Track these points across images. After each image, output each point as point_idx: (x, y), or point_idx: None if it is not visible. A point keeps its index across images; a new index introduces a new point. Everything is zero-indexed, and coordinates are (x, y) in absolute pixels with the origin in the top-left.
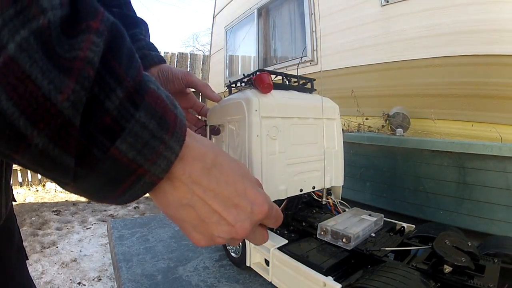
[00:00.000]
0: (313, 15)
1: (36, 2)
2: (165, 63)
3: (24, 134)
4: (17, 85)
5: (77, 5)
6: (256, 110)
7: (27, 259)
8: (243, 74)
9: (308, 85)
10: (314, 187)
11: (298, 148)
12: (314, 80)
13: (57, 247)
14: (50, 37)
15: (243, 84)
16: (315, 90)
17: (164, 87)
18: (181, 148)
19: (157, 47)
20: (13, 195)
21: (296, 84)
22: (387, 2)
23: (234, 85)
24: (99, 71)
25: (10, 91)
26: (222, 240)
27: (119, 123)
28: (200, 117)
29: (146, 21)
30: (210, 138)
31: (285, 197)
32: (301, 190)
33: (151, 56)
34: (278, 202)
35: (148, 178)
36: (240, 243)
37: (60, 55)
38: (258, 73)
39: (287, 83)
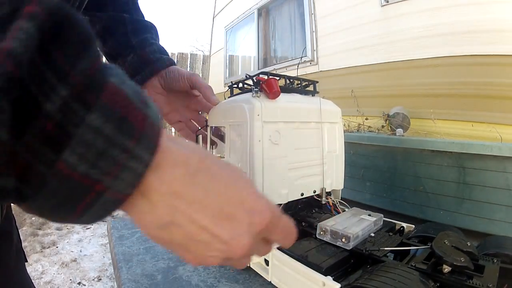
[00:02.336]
0: (313, 15)
1: None
2: (175, 65)
3: None
4: None
5: None
6: (258, 115)
7: (26, 261)
8: (246, 75)
9: (311, 87)
10: (315, 191)
11: (300, 152)
12: (317, 82)
13: (57, 247)
14: None
15: (250, 86)
16: (318, 92)
17: (171, 87)
18: (153, 156)
19: (165, 49)
20: None
21: (299, 86)
22: (387, 2)
23: (236, 86)
24: (35, 64)
25: None
26: (216, 260)
27: (65, 129)
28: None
29: (155, 25)
30: (210, 139)
31: (286, 201)
32: (302, 194)
33: (163, 59)
34: (277, 204)
35: (110, 195)
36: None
37: None
38: (266, 77)
39: (289, 86)
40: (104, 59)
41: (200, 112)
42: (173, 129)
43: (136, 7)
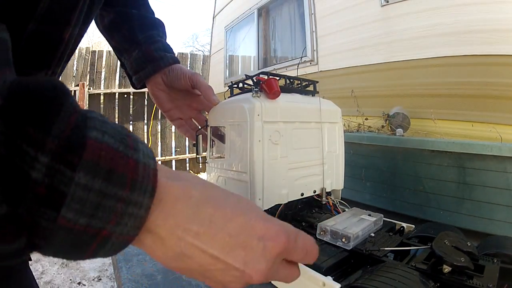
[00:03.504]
0: (313, 15)
1: None
2: (179, 63)
3: None
4: None
5: None
6: (258, 115)
7: (30, 259)
8: (245, 75)
9: (311, 87)
10: (315, 191)
11: (300, 152)
12: (317, 82)
13: None
14: None
15: (251, 86)
16: (318, 92)
17: (173, 85)
18: (152, 198)
19: (172, 48)
20: None
21: (299, 86)
22: (387, 2)
23: (236, 86)
24: (13, 143)
25: None
26: (237, 285)
27: (57, 189)
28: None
29: (163, 22)
30: (211, 139)
31: (286, 201)
32: (302, 194)
33: (167, 58)
34: (277, 204)
35: (116, 238)
36: None
37: None
38: (265, 77)
39: (289, 86)
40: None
41: (201, 112)
42: (173, 126)
43: (144, 3)
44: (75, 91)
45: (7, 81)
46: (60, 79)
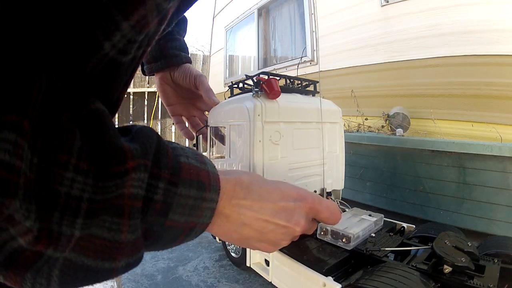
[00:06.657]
0: (313, 15)
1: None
2: (191, 63)
3: (110, 269)
4: (86, 246)
5: (104, 155)
6: (259, 115)
7: None
8: (245, 75)
9: (311, 87)
10: (315, 191)
11: (300, 152)
12: (318, 82)
13: None
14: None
15: (251, 86)
16: (318, 92)
17: (178, 82)
18: (219, 194)
19: (188, 47)
20: None
21: (299, 86)
22: (387, 2)
23: (236, 86)
24: (148, 184)
25: (84, 251)
26: (286, 241)
27: (166, 202)
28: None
29: (186, 18)
30: (211, 138)
31: None
32: None
33: (180, 57)
34: None
35: (198, 227)
36: None
37: (100, 200)
38: (266, 77)
39: (290, 86)
40: None
41: (205, 113)
42: (173, 127)
43: None
44: None
45: (154, 141)
46: None
